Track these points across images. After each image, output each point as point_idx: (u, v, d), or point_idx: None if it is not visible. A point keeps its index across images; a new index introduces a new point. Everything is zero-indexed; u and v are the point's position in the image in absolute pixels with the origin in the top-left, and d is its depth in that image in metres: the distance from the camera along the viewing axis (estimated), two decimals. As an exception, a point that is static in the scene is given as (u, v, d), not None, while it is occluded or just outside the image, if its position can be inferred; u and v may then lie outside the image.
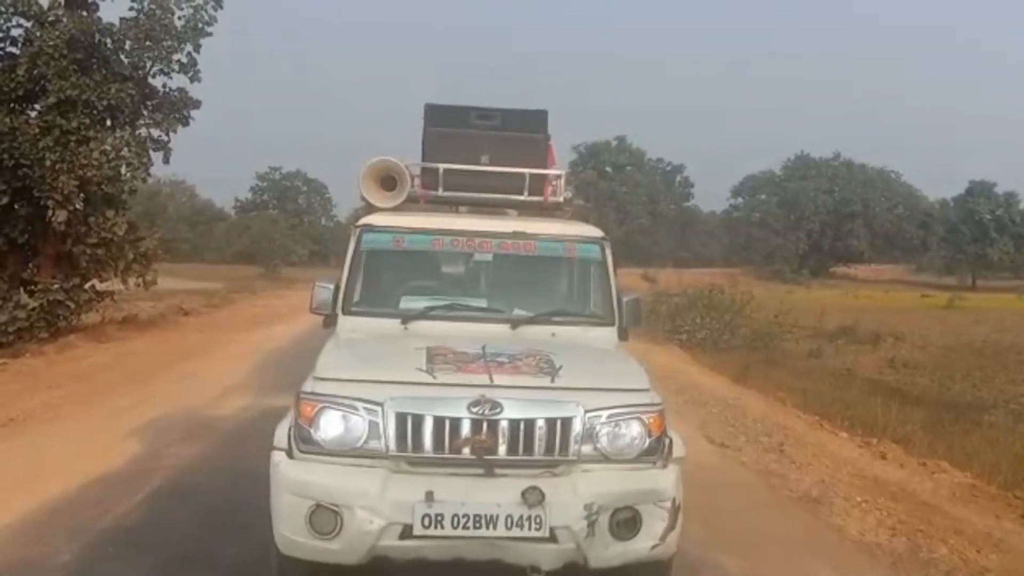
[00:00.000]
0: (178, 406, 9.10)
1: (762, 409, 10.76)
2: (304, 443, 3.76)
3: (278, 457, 3.83)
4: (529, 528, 3.57)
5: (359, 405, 3.72)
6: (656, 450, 3.89)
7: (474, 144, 5.48)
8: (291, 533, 3.69)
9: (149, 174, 15.99)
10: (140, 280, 15.94)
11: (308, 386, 3.89)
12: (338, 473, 3.69)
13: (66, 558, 4.70)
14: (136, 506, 5.68)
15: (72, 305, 14.74)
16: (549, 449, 3.72)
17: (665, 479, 3.87)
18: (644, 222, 79.83)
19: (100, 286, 15.71)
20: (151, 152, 15.65)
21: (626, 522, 3.72)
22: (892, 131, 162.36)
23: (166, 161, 16.13)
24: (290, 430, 3.85)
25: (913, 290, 64.68)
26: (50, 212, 13.54)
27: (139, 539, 5.05)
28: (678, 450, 4.02)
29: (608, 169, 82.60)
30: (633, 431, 3.85)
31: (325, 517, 3.62)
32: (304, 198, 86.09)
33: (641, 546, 3.77)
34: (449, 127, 5.57)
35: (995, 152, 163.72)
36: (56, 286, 14.22)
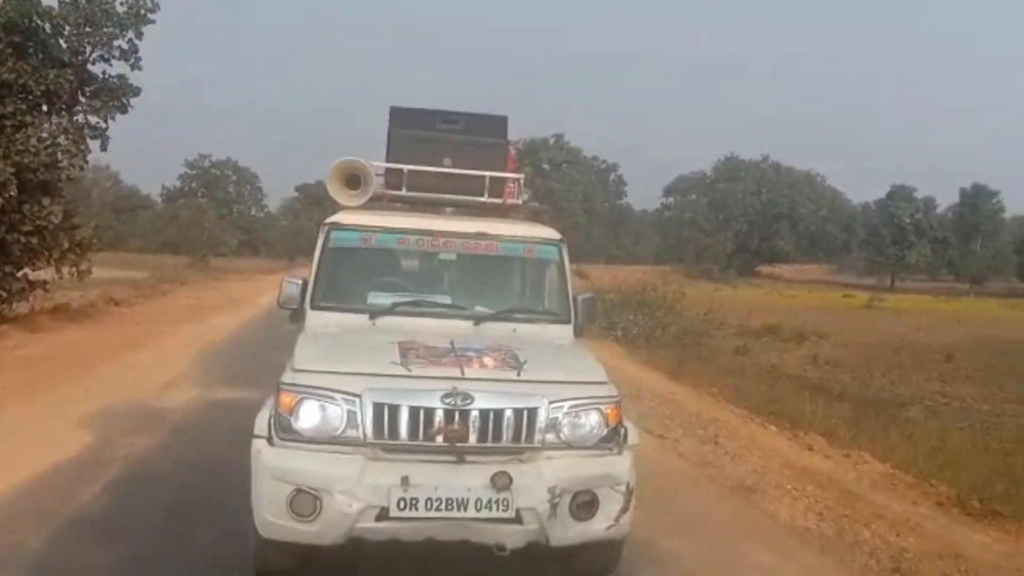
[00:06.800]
0: (125, 397, 9.05)
1: (696, 403, 11.22)
2: (284, 431, 3.95)
3: (259, 444, 4.02)
4: (497, 510, 3.84)
5: (338, 396, 3.94)
6: (613, 438, 4.21)
7: (438, 147, 5.70)
8: (272, 516, 3.89)
9: (86, 161, 15.71)
10: (74, 270, 15.66)
11: (288, 377, 4.08)
12: (318, 459, 3.90)
13: (35, 545, 4.77)
14: (99, 494, 5.76)
15: (4, 294, 14.44)
16: (516, 437, 3.99)
17: (621, 465, 4.19)
18: (579, 219, 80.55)
19: (33, 275, 15.38)
20: (88, 139, 15.40)
21: (585, 504, 4.02)
22: (819, 134, 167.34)
23: (103, 148, 15.93)
24: (270, 419, 4.04)
25: (835, 290, 66.83)
26: (-18, 199, 13.23)
27: (107, 526, 5.14)
28: (632, 438, 4.35)
29: (545, 166, 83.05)
30: (592, 420, 4.16)
31: (305, 501, 3.82)
32: (234, 187, 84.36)
33: (598, 527, 4.08)
34: (415, 130, 5.79)
35: (916, 156, 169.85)
36: (-13, 275, 13.91)
